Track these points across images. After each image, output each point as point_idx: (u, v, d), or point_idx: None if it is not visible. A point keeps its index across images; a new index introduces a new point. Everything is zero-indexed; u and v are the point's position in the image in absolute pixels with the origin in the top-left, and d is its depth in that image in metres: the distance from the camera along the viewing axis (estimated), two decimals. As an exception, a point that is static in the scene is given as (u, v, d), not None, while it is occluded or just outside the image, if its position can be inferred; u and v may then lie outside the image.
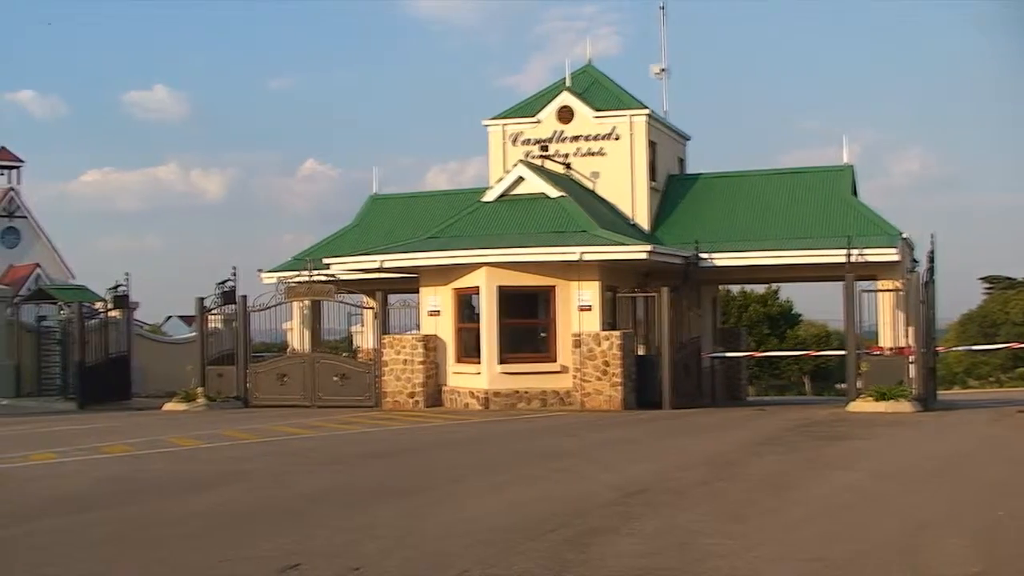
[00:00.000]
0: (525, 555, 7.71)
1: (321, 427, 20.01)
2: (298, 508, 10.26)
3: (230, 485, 11.99)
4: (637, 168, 28.44)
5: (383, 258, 25.34)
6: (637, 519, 9.13)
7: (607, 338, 23.66)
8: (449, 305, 25.14)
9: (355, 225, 32.47)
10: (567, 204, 25.24)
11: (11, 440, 18.71)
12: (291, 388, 26.81)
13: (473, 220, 25.85)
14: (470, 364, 24.56)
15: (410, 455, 15.48)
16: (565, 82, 29.61)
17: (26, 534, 9.01)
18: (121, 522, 9.65)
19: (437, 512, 9.83)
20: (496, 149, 29.55)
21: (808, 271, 27.92)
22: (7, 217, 52.12)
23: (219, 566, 7.63)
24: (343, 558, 7.73)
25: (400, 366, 25.05)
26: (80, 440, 18.00)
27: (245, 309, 28.06)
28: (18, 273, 48.02)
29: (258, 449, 16.39)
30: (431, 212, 30.24)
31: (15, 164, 53.43)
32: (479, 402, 23.98)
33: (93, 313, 30.73)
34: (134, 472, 13.63)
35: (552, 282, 24.25)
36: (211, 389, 27.49)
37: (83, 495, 11.46)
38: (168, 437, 18.26)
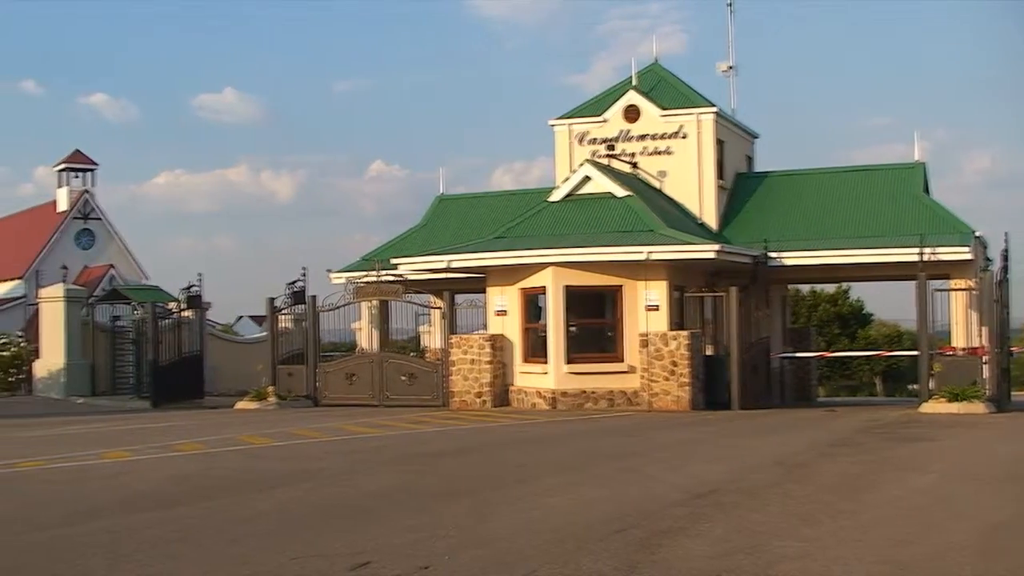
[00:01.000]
0: (594, 555, 7.70)
1: (389, 426, 20.14)
2: (367, 506, 10.35)
3: (301, 483, 12.12)
4: (704, 167, 28.27)
5: (450, 258, 25.45)
6: (706, 521, 9.08)
7: (675, 338, 23.53)
8: (516, 305, 25.18)
9: (422, 225, 32.66)
10: (634, 203, 25.15)
11: (86, 438, 19.08)
12: (359, 387, 27.01)
13: (540, 220, 25.86)
14: (537, 364, 24.58)
15: (477, 454, 15.53)
16: (631, 81, 29.52)
17: (102, 531, 9.16)
18: (194, 519, 9.79)
19: (505, 511, 9.85)
20: (562, 149, 29.55)
21: (879, 270, 27.52)
22: (82, 219, 53.27)
23: (290, 564, 7.70)
24: (412, 556, 7.78)
25: (467, 366, 25.13)
26: (154, 438, 18.32)
27: (315, 309, 28.34)
28: (93, 274, 49.09)
29: (328, 448, 16.55)
30: (497, 212, 30.33)
31: (89, 167, 54.59)
32: (546, 402, 23.98)
33: (166, 313, 31.18)
34: (207, 470, 13.83)
35: (619, 282, 24.17)
36: (282, 388, 27.81)
37: (156, 492, 11.66)
38: (240, 435, 18.51)
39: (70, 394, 32.69)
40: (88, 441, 18.24)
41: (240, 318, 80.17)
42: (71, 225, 53.03)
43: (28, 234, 55.25)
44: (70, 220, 53.00)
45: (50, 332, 34.07)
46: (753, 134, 32.61)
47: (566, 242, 24.28)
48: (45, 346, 34.39)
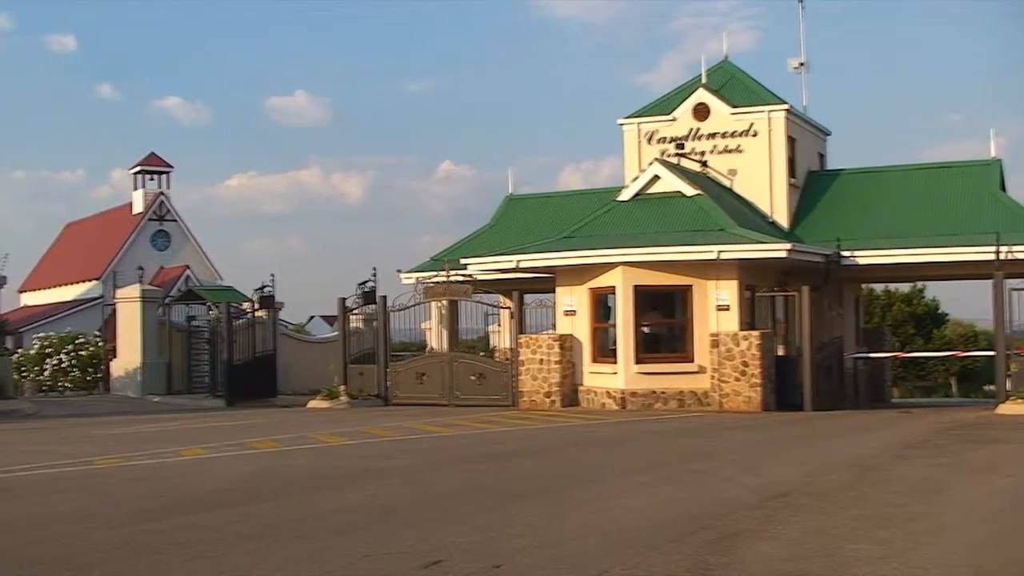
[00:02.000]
0: (666, 557, 7.68)
1: (459, 426, 20.24)
2: (438, 505, 10.42)
3: (372, 481, 12.23)
4: (776, 165, 28.02)
5: (519, 258, 25.49)
6: (779, 523, 9.01)
7: (746, 338, 23.34)
8: (585, 305, 25.15)
9: (491, 225, 32.76)
10: (704, 202, 25.00)
11: (163, 436, 19.40)
12: (429, 387, 27.16)
13: (608, 219, 25.81)
14: (606, 364, 24.53)
15: (548, 454, 15.54)
16: (701, 79, 29.36)
17: (178, 527, 9.31)
18: (268, 516, 9.91)
19: (575, 512, 9.85)
20: (631, 148, 29.47)
21: (955, 269, 27.05)
22: (158, 221, 54.21)
23: (363, 561, 7.77)
24: (483, 555, 7.82)
25: (536, 366, 25.15)
26: (229, 436, 18.59)
27: (385, 309, 28.55)
28: (168, 275, 49.91)
29: (399, 447, 16.67)
30: (566, 212, 30.33)
31: (164, 169, 55.54)
32: (616, 402, 23.93)
33: (240, 313, 31.60)
34: (280, 467, 14.01)
35: (689, 281, 24.04)
36: (353, 387, 28.06)
37: (231, 490, 11.83)
38: (313, 434, 18.71)
39: (146, 393, 33.29)
40: (164, 439, 18.54)
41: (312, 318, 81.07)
42: (147, 227, 53.99)
43: (105, 236, 56.36)
44: (146, 222, 53.96)
45: (127, 332, 34.74)
46: (825, 131, 32.24)
47: (635, 241, 24.20)
48: (122, 346, 35.07)
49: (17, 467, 13.91)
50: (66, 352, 37.00)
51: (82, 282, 54.17)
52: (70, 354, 36.97)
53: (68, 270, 58.02)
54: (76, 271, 56.34)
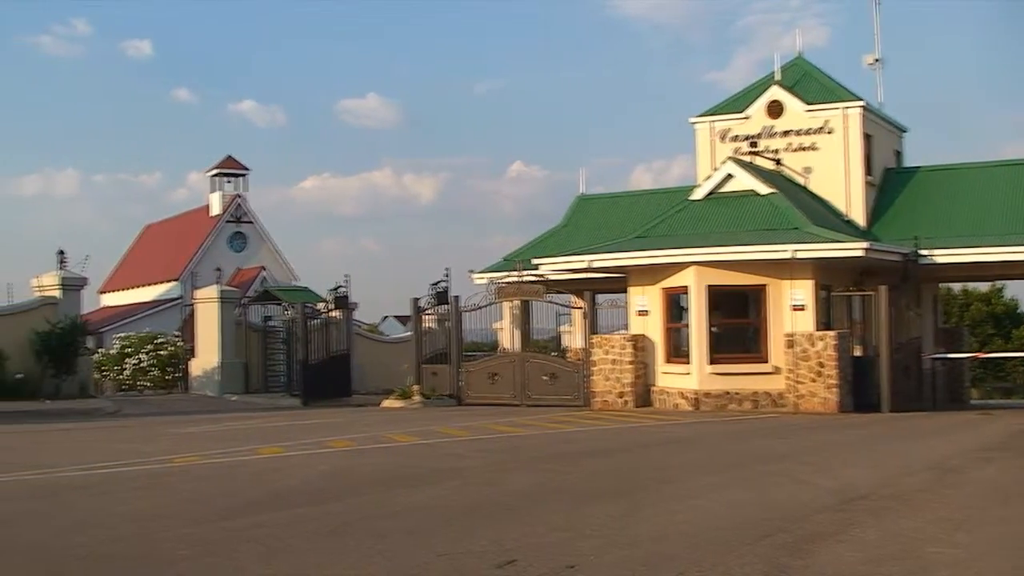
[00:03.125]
0: (742, 559, 7.61)
1: (532, 426, 20.26)
2: (512, 505, 10.44)
3: (446, 481, 12.29)
4: (851, 162, 27.65)
5: (591, 258, 25.44)
6: (857, 526, 8.89)
7: (822, 338, 23.06)
8: (658, 305, 25.04)
9: (563, 225, 32.75)
10: (778, 201, 24.75)
11: (241, 434, 19.68)
12: (502, 387, 27.23)
13: (681, 219, 25.67)
14: (679, 364, 24.39)
15: (621, 455, 15.51)
16: (774, 76, 29.06)
17: (255, 525, 9.43)
18: (343, 515, 9.99)
19: (650, 512, 9.81)
20: (703, 146, 29.27)
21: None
22: (235, 222, 55.05)
23: (438, 560, 7.81)
24: (558, 555, 7.81)
25: (609, 366, 25.09)
26: (304, 435, 18.82)
27: (457, 309, 28.68)
28: (245, 275, 50.67)
29: (472, 446, 16.73)
30: (637, 211, 30.24)
31: (241, 172, 56.41)
32: (689, 403, 23.79)
33: (315, 313, 31.91)
34: (356, 466, 14.14)
35: (763, 281, 23.81)
36: (426, 387, 28.23)
37: (308, 488, 11.96)
38: (387, 433, 18.86)
39: (224, 392, 33.76)
40: (242, 437, 18.81)
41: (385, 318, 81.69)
42: (224, 228, 54.87)
43: (183, 237, 57.36)
44: (223, 223, 54.85)
45: (205, 332, 35.28)
46: (902, 128, 31.73)
47: (708, 241, 24.03)
48: (200, 345, 35.62)
49: (99, 465, 14.20)
50: (146, 352, 37.67)
51: (161, 283, 55.19)
52: (149, 354, 37.63)
53: (147, 271, 59.14)
54: (155, 272, 57.40)
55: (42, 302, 30.88)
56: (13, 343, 29.07)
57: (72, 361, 30.15)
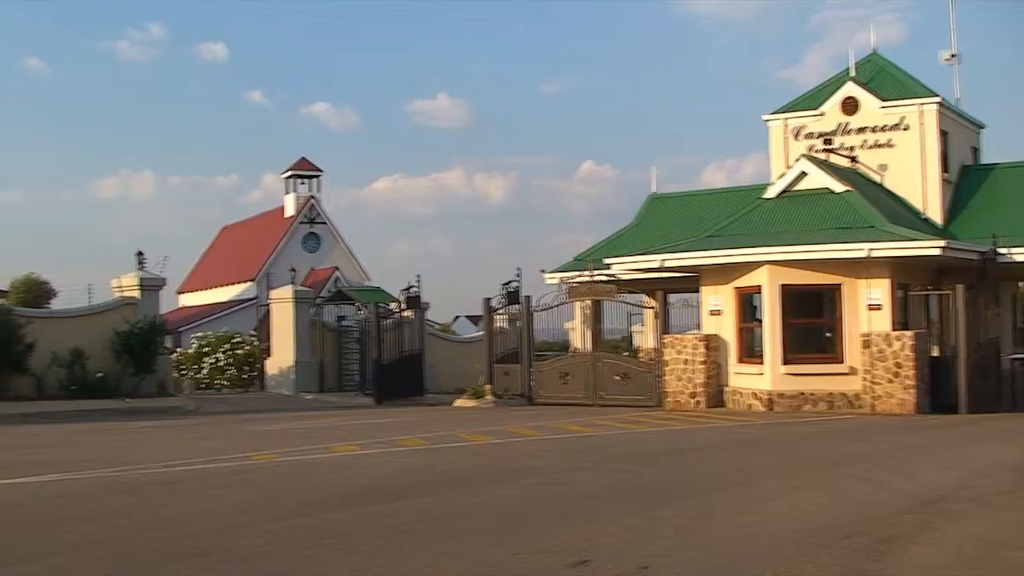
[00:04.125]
0: (817, 561, 7.56)
1: (604, 426, 20.24)
2: (584, 505, 10.45)
3: (519, 480, 12.34)
4: (928, 159, 27.20)
5: (663, 257, 25.32)
6: (935, 529, 8.78)
7: (898, 338, 22.71)
8: (730, 304, 24.86)
9: (634, 225, 32.65)
10: (853, 199, 24.43)
11: (316, 432, 19.90)
12: (573, 387, 27.21)
13: (754, 217, 25.44)
14: (752, 364, 24.19)
15: (693, 455, 15.44)
16: (849, 72, 28.69)
17: (331, 522, 9.58)
18: (417, 512, 10.09)
19: (723, 514, 9.77)
20: (777, 144, 28.99)
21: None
22: (308, 223, 55.76)
23: (511, 559, 7.86)
24: (630, 556, 7.82)
25: (681, 366, 24.96)
26: (378, 433, 19.00)
27: (529, 309, 28.72)
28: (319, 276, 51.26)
29: (544, 446, 16.76)
30: (710, 210, 30.01)
31: (314, 174, 57.11)
32: (762, 403, 23.59)
33: (388, 313, 32.17)
34: (429, 465, 14.25)
35: (838, 280, 23.52)
36: (498, 386, 28.32)
37: (381, 486, 12.09)
38: (459, 432, 18.97)
39: (299, 390, 34.20)
40: (317, 435, 19.02)
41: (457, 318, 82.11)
42: (299, 229, 55.60)
43: (259, 238, 58.21)
44: (297, 224, 55.58)
45: (280, 331, 35.75)
46: (979, 124, 31.15)
47: (782, 240, 23.78)
48: (276, 345, 36.10)
49: (178, 462, 14.47)
50: (223, 351, 38.27)
51: (237, 283, 56.07)
52: (226, 353, 38.22)
53: (224, 272, 60.12)
54: (231, 273, 58.33)
55: (122, 302, 31.51)
56: (94, 343, 29.70)
57: (151, 360, 30.71)
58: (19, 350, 28.14)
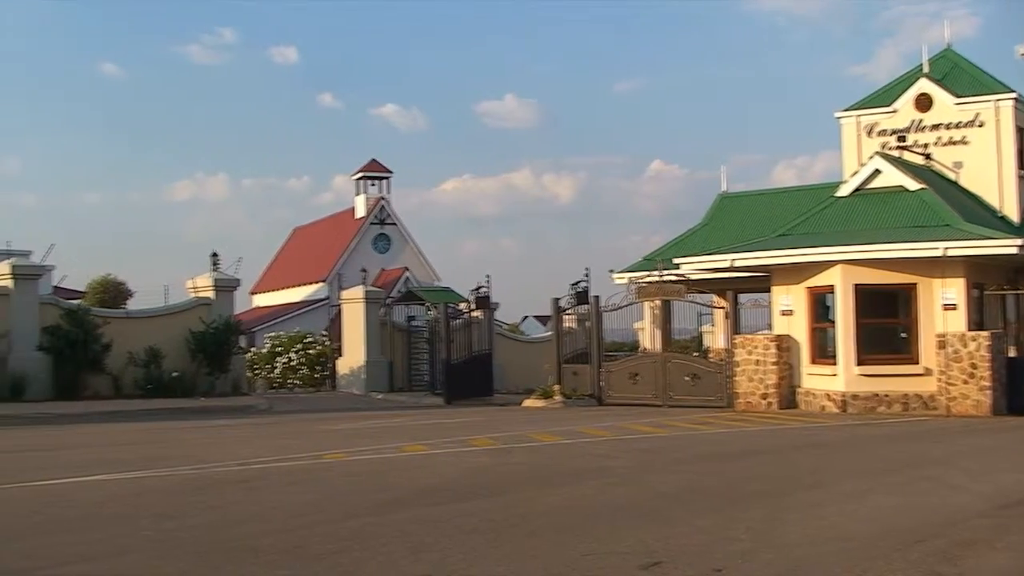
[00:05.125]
0: (892, 565, 7.48)
1: (674, 426, 20.16)
2: (655, 506, 10.43)
3: (589, 480, 12.34)
4: (1004, 156, 26.66)
5: (733, 257, 25.13)
6: (1014, 533, 8.64)
7: (974, 339, 22.32)
8: (802, 304, 24.60)
9: (704, 224, 32.45)
10: (927, 197, 24.06)
11: (386, 432, 20.05)
12: (643, 387, 27.10)
13: (826, 216, 25.16)
14: (825, 365, 23.92)
15: (766, 457, 15.32)
16: (922, 68, 28.24)
17: (403, 520, 9.65)
18: (488, 512, 10.13)
19: (796, 516, 9.69)
20: (849, 142, 28.62)
21: None
22: (379, 224, 56.20)
23: (583, 560, 7.87)
24: (704, 558, 7.79)
25: (752, 367, 24.77)
26: (448, 433, 19.10)
27: (598, 309, 28.67)
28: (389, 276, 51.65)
29: (615, 446, 16.73)
30: (780, 209, 29.71)
31: (384, 175, 57.55)
32: (836, 405, 23.32)
33: (457, 313, 32.31)
34: (499, 464, 14.30)
35: (912, 280, 23.18)
36: (567, 386, 28.30)
37: (453, 485, 12.16)
38: (529, 432, 18.99)
39: (370, 390, 34.47)
40: (388, 434, 19.16)
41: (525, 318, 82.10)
42: (369, 230, 56.07)
43: (330, 239, 58.80)
44: (368, 226, 56.04)
45: (351, 331, 36.08)
46: (1058, 121, 30.46)
47: (855, 239, 23.48)
48: (347, 345, 36.44)
49: (253, 460, 14.69)
50: (295, 351, 38.72)
51: (309, 284, 56.69)
52: (299, 352, 38.68)
53: (296, 273, 60.80)
54: (303, 273, 58.98)
55: (197, 303, 32.04)
56: (170, 342, 30.25)
57: (225, 360, 31.19)
58: (96, 350, 28.76)
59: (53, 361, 28.11)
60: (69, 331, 28.37)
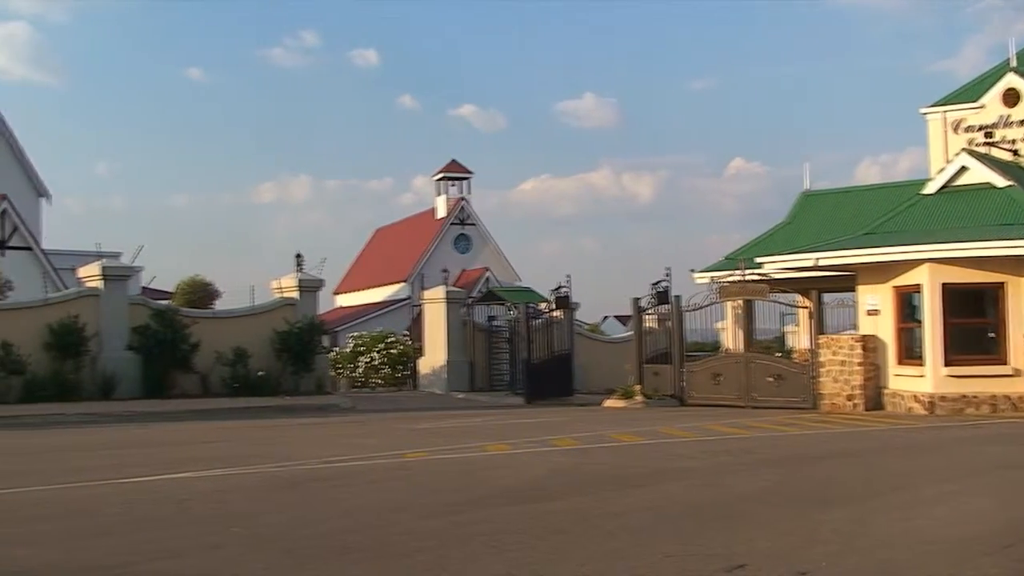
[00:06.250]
0: (979, 570, 7.34)
1: (757, 428, 19.97)
2: (738, 508, 10.35)
3: (671, 482, 12.30)
4: (1097, 152, 26.00)
5: (818, 256, 24.80)
6: (1109, 538, 8.43)
7: (1066, 339, 21.78)
8: (888, 304, 24.21)
9: (787, 223, 32.09)
10: (1017, 194, 23.53)
11: (468, 431, 20.19)
12: (725, 388, 26.88)
13: (912, 214, 24.74)
14: (912, 366, 23.51)
15: (851, 459, 15.09)
16: (1009, 63, 27.61)
17: (484, 520, 9.71)
18: (570, 512, 10.16)
19: (882, 519, 9.55)
20: (935, 138, 28.15)
21: None
22: (459, 225, 56.53)
23: (665, 561, 7.84)
24: (788, 561, 7.72)
25: (837, 367, 24.43)
26: (529, 433, 19.15)
27: (679, 309, 28.50)
28: (470, 276, 51.92)
29: (696, 447, 16.63)
30: (865, 207, 29.28)
31: (465, 176, 57.88)
32: (923, 406, 22.90)
33: (538, 313, 32.33)
34: (580, 465, 14.31)
35: (1001, 278, 22.69)
36: (648, 387, 28.18)
37: (535, 485, 12.20)
38: (610, 432, 18.96)
39: (451, 389, 34.64)
40: (469, 434, 19.29)
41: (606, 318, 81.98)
42: (450, 231, 56.43)
43: (411, 240, 59.29)
44: (448, 226, 56.38)
45: (433, 331, 36.30)
46: None
47: (943, 237, 23.04)
48: (428, 344, 36.67)
49: (337, 459, 14.89)
50: (377, 350, 39.06)
51: (391, 284, 57.22)
52: (381, 352, 39.00)
53: (378, 273, 61.41)
54: (385, 274, 59.56)
55: (282, 303, 32.50)
56: (255, 342, 30.72)
57: (310, 359, 31.59)
58: (185, 349, 29.33)
59: (142, 360, 28.73)
60: (158, 331, 28.96)
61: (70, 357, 27.64)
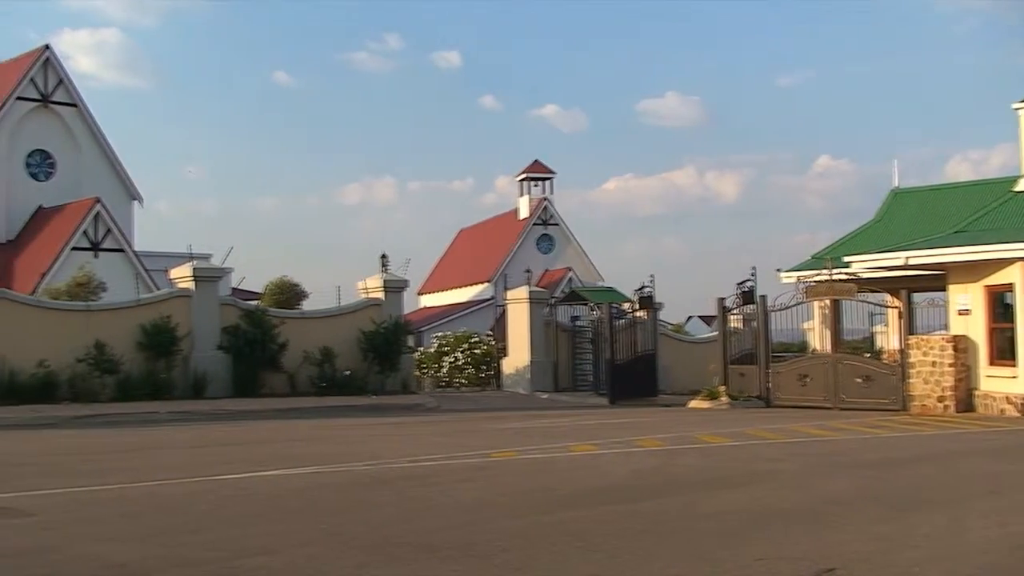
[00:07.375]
0: (1082, 577, 7.19)
1: (846, 430, 19.69)
2: (828, 511, 10.23)
3: (759, 484, 12.19)
4: None
5: (908, 255, 24.38)
6: None
7: None
8: (980, 303, 23.71)
9: (875, 221, 31.61)
10: (1116, 191, 22.90)
11: (553, 431, 20.17)
12: (812, 389, 26.54)
13: (1005, 211, 24.23)
14: (1004, 367, 22.99)
15: (943, 462, 14.82)
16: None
17: (571, 520, 9.72)
18: (656, 514, 10.13)
19: (977, 524, 9.38)
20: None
21: None
22: (542, 225, 56.61)
23: (755, 564, 7.79)
24: (880, 566, 7.63)
25: (927, 368, 23.99)
26: (614, 433, 19.12)
27: (765, 309, 28.21)
28: (553, 276, 51.95)
29: (784, 449, 16.46)
30: (955, 205, 28.74)
31: (547, 176, 57.93)
32: (1016, 408, 22.38)
33: (621, 313, 32.22)
34: (666, 466, 14.25)
35: (1099, 278, 22.08)
36: (733, 388, 27.96)
37: (620, 485, 12.20)
38: (696, 433, 18.85)
39: (534, 389, 34.69)
40: (554, 434, 19.28)
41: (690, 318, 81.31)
42: (532, 231, 56.53)
43: (494, 240, 59.51)
44: (531, 226, 56.48)
45: (516, 331, 36.37)
46: None
47: (1037, 235, 22.51)
48: (511, 344, 36.76)
49: (424, 457, 15.00)
50: (461, 350, 39.25)
51: (474, 284, 57.49)
52: (465, 352, 39.18)
53: (461, 273, 61.75)
54: (469, 274, 59.86)
55: (367, 303, 32.84)
56: (342, 342, 31.08)
57: (395, 359, 31.87)
58: (274, 349, 29.78)
59: (232, 360, 29.23)
60: (248, 331, 29.45)
61: (162, 356, 28.21)
